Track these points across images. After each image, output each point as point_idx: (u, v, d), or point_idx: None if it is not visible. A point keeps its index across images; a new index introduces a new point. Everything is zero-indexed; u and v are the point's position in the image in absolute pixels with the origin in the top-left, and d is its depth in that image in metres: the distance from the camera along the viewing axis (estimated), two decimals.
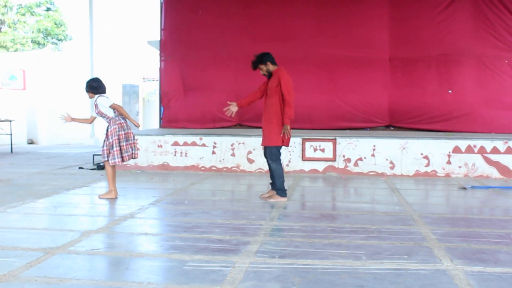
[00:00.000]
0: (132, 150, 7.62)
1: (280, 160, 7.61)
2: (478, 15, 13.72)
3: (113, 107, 7.49)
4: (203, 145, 11.01)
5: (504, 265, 4.49)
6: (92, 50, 18.52)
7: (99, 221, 6.19)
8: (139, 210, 6.80)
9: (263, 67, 7.76)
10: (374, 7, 13.99)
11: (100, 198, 7.63)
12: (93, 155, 12.31)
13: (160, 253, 4.84)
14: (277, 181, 7.54)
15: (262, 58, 7.74)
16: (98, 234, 5.43)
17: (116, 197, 7.63)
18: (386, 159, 10.60)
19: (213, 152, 10.97)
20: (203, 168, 10.97)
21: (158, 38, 14.85)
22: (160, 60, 14.70)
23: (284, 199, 7.51)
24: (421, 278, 4.11)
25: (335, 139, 10.70)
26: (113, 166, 7.55)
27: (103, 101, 7.49)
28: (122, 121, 7.54)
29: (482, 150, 10.41)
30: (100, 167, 11.07)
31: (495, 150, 10.43)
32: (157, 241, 5.30)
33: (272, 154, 7.53)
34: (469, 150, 10.46)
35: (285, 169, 10.66)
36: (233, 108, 7.88)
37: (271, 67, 7.72)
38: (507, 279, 4.12)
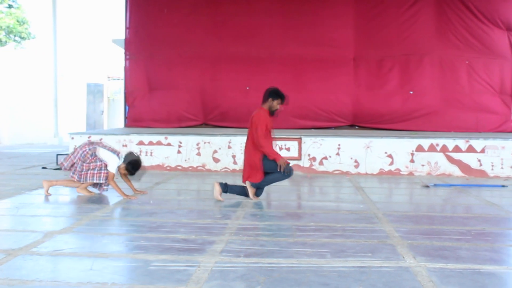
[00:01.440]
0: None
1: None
2: (441, 16, 13.96)
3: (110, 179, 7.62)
4: (169, 144, 10.96)
5: (465, 261, 4.58)
6: (55, 48, 18.25)
7: (62, 221, 6.11)
8: (103, 210, 6.74)
9: None
10: (339, 7, 14.13)
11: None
12: (57, 154, 12.12)
13: (124, 253, 4.80)
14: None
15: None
16: (61, 235, 5.36)
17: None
18: (351, 158, 10.71)
19: (179, 152, 10.93)
20: (168, 168, 10.92)
21: (123, 37, 14.74)
22: (125, 59, 14.61)
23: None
24: (385, 275, 4.16)
25: (300, 138, 10.76)
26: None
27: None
28: None
29: (444, 149, 10.59)
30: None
31: (457, 149, 10.62)
32: (121, 242, 5.26)
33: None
34: (432, 149, 10.63)
35: None
36: None
37: None
38: (467, 275, 4.20)
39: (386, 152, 10.67)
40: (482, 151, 10.61)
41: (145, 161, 10.89)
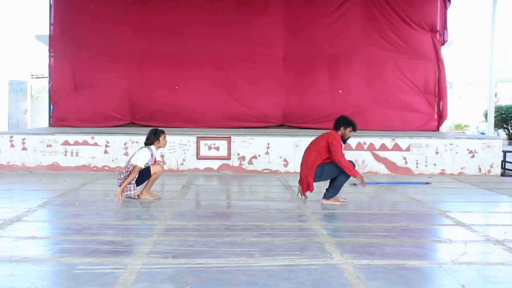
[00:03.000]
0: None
1: None
2: (368, 17, 14.26)
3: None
4: (95, 144, 10.71)
5: (390, 257, 4.67)
6: None
7: None
8: (26, 212, 6.51)
9: None
10: (268, 6, 14.19)
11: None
12: None
13: (48, 257, 4.65)
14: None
15: None
16: None
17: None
18: (280, 157, 10.77)
19: (106, 152, 10.70)
20: (95, 168, 10.68)
21: (47, 33, 14.31)
22: (49, 56, 14.19)
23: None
24: (313, 273, 4.19)
25: (230, 138, 10.74)
26: None
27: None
28: None
29: (371, 147, 10.81)
30: None
31: (383, 147, 10.86)
32: (45, 245, 5.08)
33: None
34: (359, 147, 10.83)
35: (180, 168, 10.60)
36: None
37: None
38: (392, 271, 4.29)
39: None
40: (408, 149, 10.90)
41: (71, 162, 10.64)
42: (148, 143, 7.50)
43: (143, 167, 7.35)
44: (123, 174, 7.38)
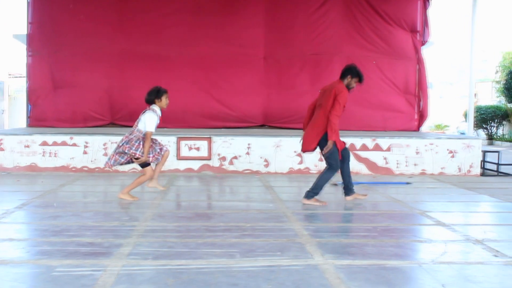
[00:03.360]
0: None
1: None
2: (349, 17, 14.30)
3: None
4: (74, 144, 10.61)
5: (371, 257, 4.68)
6: None
7: None
8: (4, 214, 6.41)
9: None
10: (249, 6, 14.17)
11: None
12: None
13: (26, 259, 4.58)
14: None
15: None
16: None
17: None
18: (261, 157, 10.75)
19: (85, 152, 10.61)
20: (74, 169, 10.58)
21: (25, 32, 14.14)
22: (27, 56, 14.03)
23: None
24: (293, 274, 4.18)
25: (210, 138, 10.70)
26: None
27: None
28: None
29: (352, 147, 10.82)
30: None
31: (364, 147, 10.88)
32: (23, 247, 5.01)
33: None
34: None
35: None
36: None
37: None
38: (373, 270, 4.29)
39: (295, 151, 10.78)
40: (388, 149, 10.94)
41: (49, 162, 10.53)
42: (149, 100, 7.46)
43: (154, 131, 7.31)
44: (128, 143, 7.28)
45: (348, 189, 7.61)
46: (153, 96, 7.41)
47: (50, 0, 14.13)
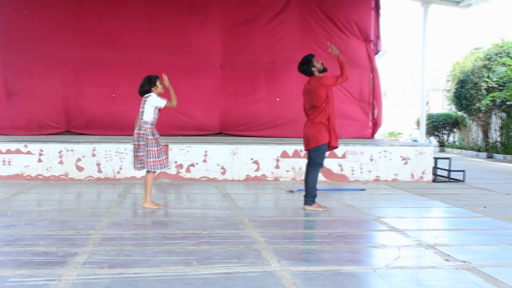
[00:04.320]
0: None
1: None
2: (304, 25, 14.46)
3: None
4: (29, 152, 10.44)
5: (326, 263, 4.75)
6: None
7: None
8: None
9: None
10: (206, 15, 14.20)
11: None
12: None
13: None
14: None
15: None
16: None
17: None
18: (218, 165, 10.77)
19: (40, 160, 10.44)
20: (28, 177, 10.40)
21: None
22: None
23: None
24: (250, 281, 4.22)
25: (167, 145, 10.67)
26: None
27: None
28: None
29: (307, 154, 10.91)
30: None
31: None
32: None
33: None
34: (296, 154, 10.94)
35: (116, 176, 10.46)
36: None
37: None
38: (328, 276, 4.36)
39: (252, 159, 10.84)
40: (343, 156, 11.09)
41: (3, 171, 10.34)
42: (144, 91, 7.54)
43: (163, 106, 7.53)
44: (142, 151, 7.44)
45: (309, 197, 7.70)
46: (147, 86, 7.54)
47: (4, 6, 13.88)
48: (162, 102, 7.42)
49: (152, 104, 7.38)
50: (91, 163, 10.51)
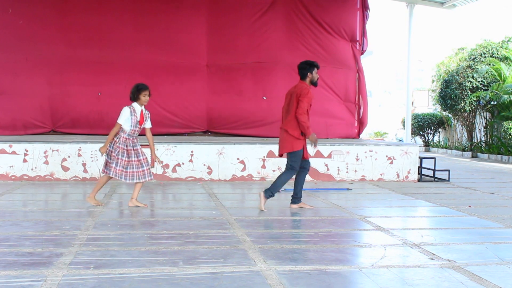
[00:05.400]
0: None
1: None
2: (290, 25, 14.49)
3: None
4: (13, 152, 10.36)
5: (312, 262, 4.76)
6: None
7: None
8: None
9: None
10: (192, 15, 14.19)
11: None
12: None
13: None
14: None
15: None
16: None
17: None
18: (204, 165, 10.76)
19: (25, 160, 10.38)
20: (13, 177, 10.33)
21: None
22: None
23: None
24: (236, 280, 4.22)
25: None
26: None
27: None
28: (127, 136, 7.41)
29: None
30: None
31: None
32: None
33: None
34: None
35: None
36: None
37: None
38: (315, 276, 4.37)
39: (238, 158, 10.84)
40: (329, 156, 11.12)
41: None
42: (131, 98, 7.53)
43: (121, 123, 7.35)
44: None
45: (296, 198, 7.74)
46: (133, 95, 7.57)
47: None
48: (120, 120, 7.39)
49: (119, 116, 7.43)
50: (76, 163, 10.46)
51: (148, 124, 7.73)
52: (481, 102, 20.61)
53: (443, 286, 4.21)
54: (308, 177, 10.93)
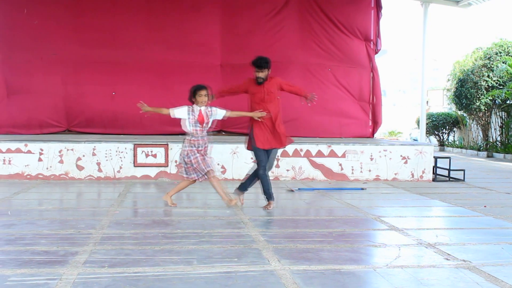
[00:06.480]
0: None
1: None
2: (304, 25, 14.44)
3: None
4: (29, 152, 10.44)
5: (326, 262, 4.75)
6: None
7: None
8: None
9: (266, 71, 8.09)
10: (206, 14, 14.17)
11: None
12: None
13: None
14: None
15: (269, 63, 8.10)
16: None
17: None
18: (218, 164, 10.77)
19: (40, 159, 10.45)
20: (28, 176, 10.41)
21: None
22: None
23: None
24: (250, 280, 4.22)
25: (167, 144, 10.68)
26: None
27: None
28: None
29: (308, 154, 10.94)
30: None
31: (319, 154, 11.01)
32: None
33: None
34: (296, 154, 10.95)
35: (116, 175, 10.47)
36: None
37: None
38: (329, 275, 4.36)
39: (252, 158, 10.81)
40: (343, 155, 11.09)
41: (3, 170, 10.34)
42: (190, 101, 7.73)
43: (171, 111, 7.75)
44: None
45: (242, 186, 7.96)
46: (190, 97, 7.81)
47: (3, 6, 13.86)
48: (174, 110, 7.71)
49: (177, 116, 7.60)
50: (91, 162, 10.51)
51: (219, 116, 8.06)
52: (496, 101, 20.44)
53: (458, 287, 4.19)
54: (322, 177, 10.95)
